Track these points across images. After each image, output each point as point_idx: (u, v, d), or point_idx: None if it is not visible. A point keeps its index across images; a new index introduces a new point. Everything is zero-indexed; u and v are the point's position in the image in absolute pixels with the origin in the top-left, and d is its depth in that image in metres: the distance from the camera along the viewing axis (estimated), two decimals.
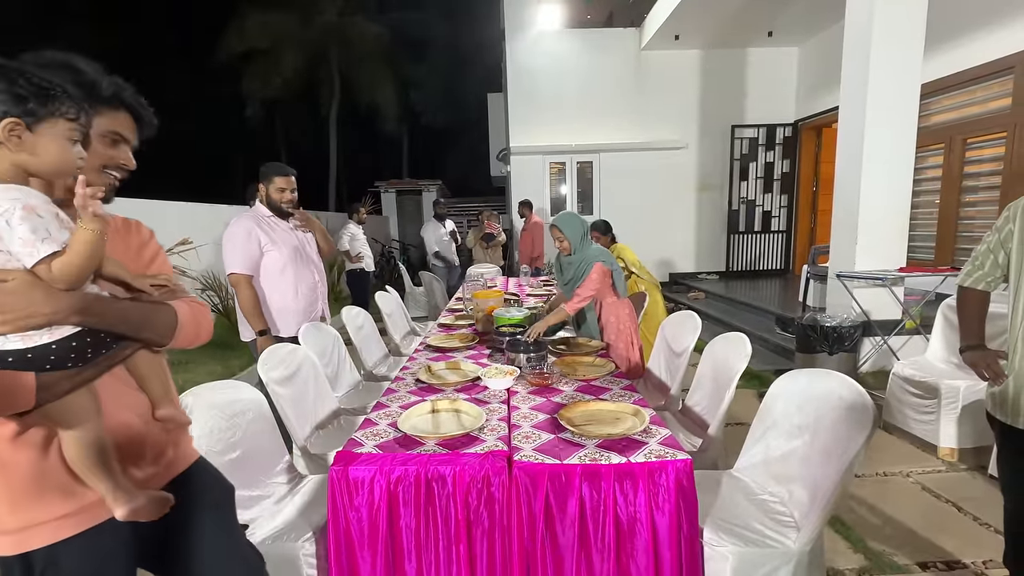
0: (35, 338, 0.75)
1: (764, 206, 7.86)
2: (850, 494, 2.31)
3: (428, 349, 2.56)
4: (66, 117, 0.79)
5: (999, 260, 1.49)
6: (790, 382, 1.69)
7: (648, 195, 7.86)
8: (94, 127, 0.89)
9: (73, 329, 0.77)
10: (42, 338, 0.75)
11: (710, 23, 6.70)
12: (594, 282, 2.52)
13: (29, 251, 0.72)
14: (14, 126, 0.75)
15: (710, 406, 2.10)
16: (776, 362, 4.22)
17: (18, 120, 0.75)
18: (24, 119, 0.75)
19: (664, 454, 1.37)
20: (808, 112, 7.30)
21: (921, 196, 5.09)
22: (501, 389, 1.90)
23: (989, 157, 4.54)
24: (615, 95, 7.74)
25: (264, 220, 2.42)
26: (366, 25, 15.91)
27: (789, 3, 6.09)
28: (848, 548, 1.98)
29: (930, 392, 2.69)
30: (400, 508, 1.35)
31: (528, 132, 7.88)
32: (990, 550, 1.93)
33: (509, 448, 1.44)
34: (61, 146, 0.79)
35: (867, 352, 3.80)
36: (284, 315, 2.44)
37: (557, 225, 2.60)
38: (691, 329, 2.42)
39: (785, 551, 1.38)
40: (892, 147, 3.72)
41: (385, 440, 1.50)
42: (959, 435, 2.60)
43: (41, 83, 0.77)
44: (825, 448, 1.49)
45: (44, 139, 0.78)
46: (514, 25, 7.76)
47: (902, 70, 3.64)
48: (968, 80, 4.59)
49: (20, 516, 0.83)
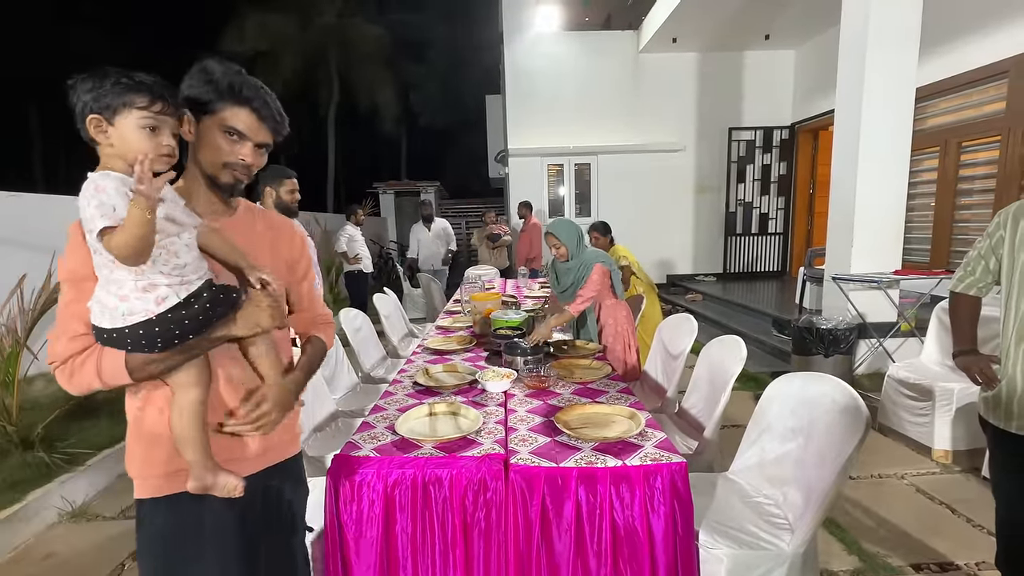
0: (115, 321, 0.85)
1: (761, 208, 7.88)
2: (844, 496, 2.32)
3: (426, 351, 2.57)
4: (136, 107, 0.85)
5: (990, 266, 1.50)
6: (785, 385, 1.70)
7: (646, 197, 7.88)
8: (217, 121, 0.96)
9: (143, 317, 0.86)
10: (117, 322, 0.85)
11: (707, 26, 6.73)
12: (595, 283, 2.53)
13: (89, 227, 0.81)
14: (98, 122, 0.84)
15: (706, 409, 2.11)
16: (772, 364, 4.23)
17: (98, 116, 0.84)
18: (103, 114, 0.84)
19: (660, 457, 1.38)
20: (805, 115, 7.33)
21: (916, 199, 5.11)
22: (498, 392, 1.91)
23: (984, 160, 4.57)
24: (613, 97, 7.76)
25: None
26: (365, 27, 15.92)
27: (786, 7, 6.13)
28: (842, 550, 1.99)
29: (925, 394, 2.71)
30: (397, 511, 1.36)
31: (526, 134, 7.89)
32: (983, 552, 1.95)
33: (506, 451, 1.45)
34: (137, 134, 0.86)
35: (863, 354, 3.82)
36: None
37: (552, 232, 2.59)
38: (687, 332, 2.44)
39: (779, 553, 1.39)
40: (888, 150, 3.74)
41: (383, 443, 1.51)
42: (953, 437, 2.62)
43: (116, 78, 0.84)
44: (819, 451, 1.50)
45: (121, 129, 0.86)
46: (512, 27, 7.78)
47: (897, 73, 3.67)
48: (963, 84, 4.62)
49: (144, 467, 0.97)
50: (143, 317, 0.85)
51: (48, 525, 2.33)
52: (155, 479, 0.97)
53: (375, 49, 16.03)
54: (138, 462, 0.98)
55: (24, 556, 2.14)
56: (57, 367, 0.90)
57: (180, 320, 0.88)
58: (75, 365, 0.89)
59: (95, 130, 0.85)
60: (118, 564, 2.06)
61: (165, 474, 0.97)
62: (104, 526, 2.34)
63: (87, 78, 0.85)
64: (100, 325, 0.86)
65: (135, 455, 0.98)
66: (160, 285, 0.86)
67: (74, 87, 0.84)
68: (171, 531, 0.98)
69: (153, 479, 0.97)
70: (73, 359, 0.89)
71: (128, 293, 0.85)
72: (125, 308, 0.85)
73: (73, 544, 2.21)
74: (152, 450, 0.96)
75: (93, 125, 0.84)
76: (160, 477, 0.97)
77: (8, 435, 2.57)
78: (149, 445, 0.97)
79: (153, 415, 0.96)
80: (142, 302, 0.85)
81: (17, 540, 2.20)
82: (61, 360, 0.89)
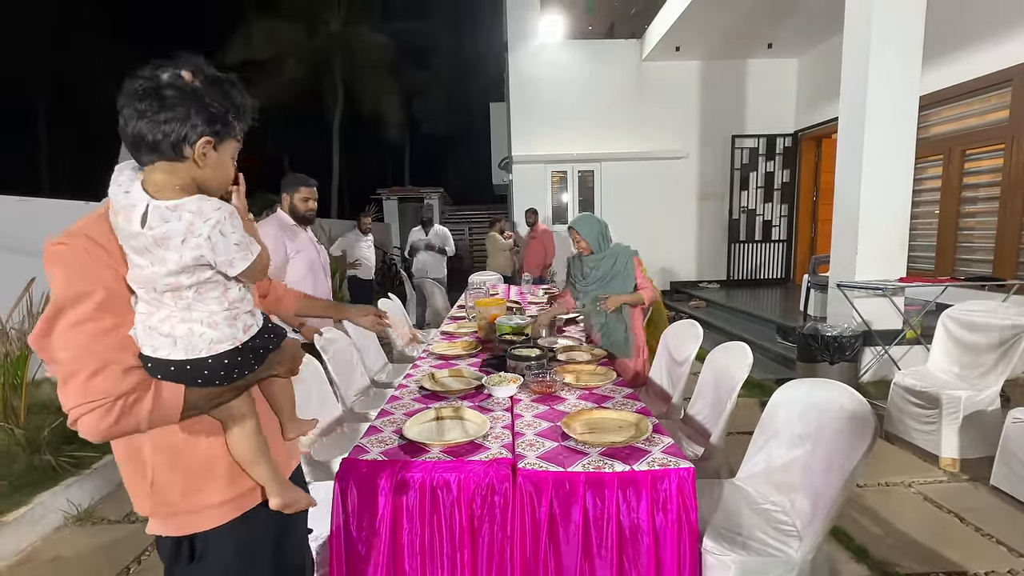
0: (197, 350, 0.81)
1: (764, 215, 7.89)
2: (852, 504, 2.31)
3: (431, 356, 2.57)
4: (236, 139, 0.86)
5: None
6: (791, 391, 1.70)
7: (649, 204, 7.90)
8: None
9: (230, 346, 0.84)
10: (201, 352, 0.82)
11: (711, 35, 6.78)
12: (642, 274, 2.66)
13: (230, 261, 0.81)
14: (208, 144, 0.81)
15: (712, 415, 2.10)
16: (777, 371, 4.22)
17: (211, 139, 0.81)
18: (213, 138, 0.81)
19: (667, 462, 1.38)
20: (808, 123, 7.36)
21: (921, 207, 5.12)
22: (505, 397, 1.91)
23: (988, 168, 4.57)
24: (616, 105, 7.80)
25: (288, 228, 2.50)
26: (370, 35, 16.05)
27: (789, 15, 6.17)
28: (850, 558, 1.98)
29: (931, 402, 2.70)
30: (404, 515, 1.36)
31: (530, 141, 7.94)
32: (992, 561, 1.93)
33: (513, 456, 1.45)
34: (229, 165, 0.86)
35: (868, 362, 3.80)
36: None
37: (574, 227, 2.68)
38: (692, 338, 2.44)
39: (787, 560, 1.39)
40: (891, 158, 3.75)
41: (390, 447, 1.51)
42: (961, 445, 2.60)
43: (226, 105, 0.83)
44: (826, 457, 1.50)
45: (222, 157, 0.84)
46: (516, 36, 7.85)
47: (901, 81, 3.69)
48: (967, 92, 4.64)
49: (191, 500, 0.90)
50: (230, 345, 0.83)
51: (54, 528, 2.34)
52: (214, 509, 0.91)
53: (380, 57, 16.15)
54: (191, 495, 0.90)
55: (30, 559, 2.15)
56: (94, 409, 0.75)
57: (255, 349, 0.87)
58: (127, 404, 0.77)
59: (201, 151, 0.80)
60: (123, 567, 2.06)
61: (227, 501, 0.92)
62: (110, 529, 2.34)
63: (205, 91, 0.79)
64: (169, 357, 0.80)
65: (170, 491, 0.88)
66: (242, 312, 0.86)
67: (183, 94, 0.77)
68: (239, 554, 0.95)
69: (213, 509, 0.91)
70: (125, 397, 0.77)
71: (219, 320, 0.82)
72: (213, 336, 0.81)
73: (79, 547, 2.21)
74: (203, 480, 0.90)
75: (201, 147, 0.80)
76: (219, 506, 0.92)
77: (15, 438, 2.58)
78: (200, 476, 0.90)
79: (204, 442, 0.90)
80: (232, 329, 0.84)
81: (23, 543, 2.20)
82: (113, 398, 0.76)
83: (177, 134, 0.78)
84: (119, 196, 0.80)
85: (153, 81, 0.77)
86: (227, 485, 0.93)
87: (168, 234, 0.77)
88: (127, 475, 0.90)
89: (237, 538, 0.94)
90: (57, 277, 0.77)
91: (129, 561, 2.09)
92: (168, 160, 0.79)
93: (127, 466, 0.89)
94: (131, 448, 0.88)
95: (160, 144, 0.78)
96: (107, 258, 0.79)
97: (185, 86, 0.78)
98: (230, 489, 0.93)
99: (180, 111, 0.77)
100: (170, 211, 0.77)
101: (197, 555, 0.91)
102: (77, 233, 0.79)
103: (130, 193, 0.79)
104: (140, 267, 0.79)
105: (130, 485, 0.91)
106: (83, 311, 0.76)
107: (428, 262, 6.35)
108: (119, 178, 0.82)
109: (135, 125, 0.77)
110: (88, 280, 0.77)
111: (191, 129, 0.78)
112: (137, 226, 0.77)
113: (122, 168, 0.84)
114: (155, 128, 0.77)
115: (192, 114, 0.78)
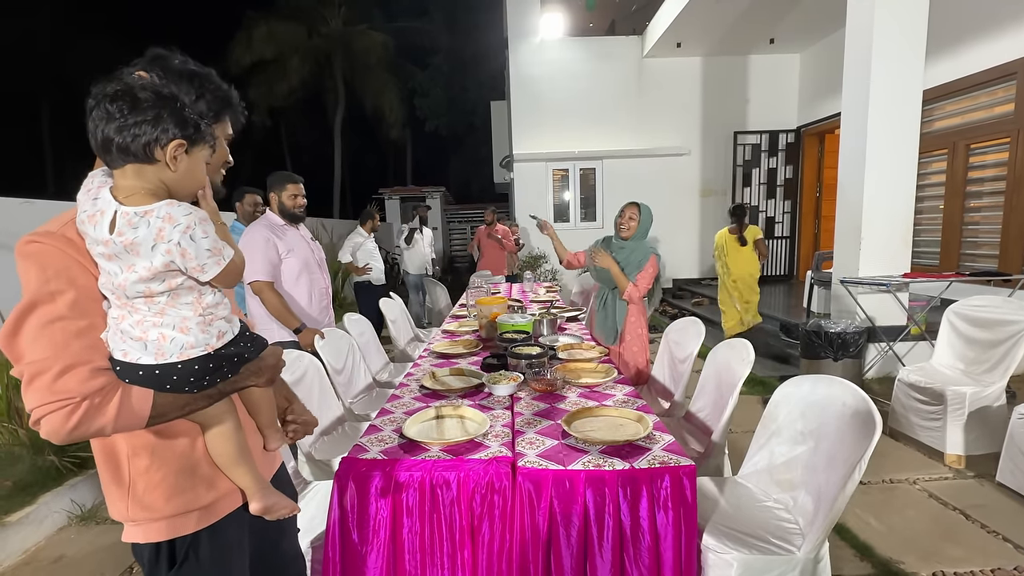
0: (167, 355, 0.80)
1: (767, 212, 7.85)
2: (856, 501, 2.30)
3: (432, 355, 2.57)
4: (208, 144, 0.85)
5: None
6: (794, 388, 1.69)
7: (651, 201, 7.66)
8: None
9: (201, 352, 0.82)
10: (171, 357, 0.80)
11: (712, 31, 6.74)
12: (650, 275, 2.65)
13: (201, 266, 0.80)
14: (179, 148, 0.79)
15: (713, 412, 2.09)
16: (780, 368, 4.20)
17: (183, 142, 0.79)
18: (186, 142, 0.80)
19: (668, 460, 1.37)
20: (810, 118, 7.31)
21: (925, 202, 5.08)
22: (505, 395, 1.91)
23: (992, 163, 4.53)
24: (618, 102, 7.78)
25: (278, 228, 2.47)
26: (371, 34, 16.07)
27: (790, 10, 6.13)
28: (854, 555, 1.97)
29: (936, 398, 2.68)
30: (404, 513, 1.36)
31: (531, 139, 7.92)
32: (998, 558, 1.92)
33: (513, 454, 1.44)
34: (201, 169, 0.85)
35: (872, 358, 3.78)
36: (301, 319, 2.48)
37: (637, 204, 2.72)
38: (694, 335, 2.43)
39: (790, 558, 1.38)
40: (895, 153, 3.72)
41: (390, 446, 1.51)
42: (966, 442, 2.58)
43: (199, 110, 0.83)
44: (829, 454, 1.48)
45: (192, 161, 0.83)
46: (517, 33, 7.83)
47: (904, 76, 3.65)
48: (971, 86, 4.60)
49: (175, 503, 0.89)
50: (201, 352, 0.82)
51: (58, 528, 2.35)
52: (198, 511, 0.91)
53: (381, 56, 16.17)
54: (174, 498, 0.88)
55: (34, 559, 2.16)
56: (58, 408, 0.73)
57: (230, 357, 0.85)
58: (92, 406, 0.75)
59: (172, 154, 0.79)
60: (127, 567, 2.07)
61: (210, 503, 0.92)
62: (113, 530, 2.35)
63: (169, 92, 0.78)
64: (139, 362, 0.79)
65: (157, 492, 0.87)
66: (217, 319, 0.84)
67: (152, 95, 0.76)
68: (220, 558, 0.94)
69: (197, 512, 0.91)
70: (92, 398, 0.75)
71: (192, 325, 0.81)
72: (185, 341, 0.80)
73: (82, 548, 2.22)
74: (191, 480, 0.90)
75: (174, 149, 0.79)
76: (203, 508, 0.92)
77: (19, 439, 2.59)
78: (189, 475, 0.90)
79: (187, 444, 0.90)
80: (205, 335, 0.82)
81: (28, 543, 2.22)
82: (79, 398, 0.74)
83: (148, 136, 0.76)
84: (87, 202, 0.79)
85: (124, 84, 0.77)
86: (208, 489, 0.92)
87: (137, 240, 0.75)
88: (104, 479, 0.89)
89: (219, 542, 0.93)
90: (31, 275, 0.75)
91: (132, 561, 2.10)
92: (138, 163, 0.78)
93: (104, 470, 0.88)
94: (108, 451, 0.87)
95: (130, 147, 0.76)
96: (82, 259, 0.79)
97: (157, 89, 0.78)
98: (211, 492, 0.93)
99: (151, 114, 0.76)
100: (139, 217, 0.76)
101: (178, 560, 0.90)
102: (53, 232, 0.79)
103: (98, 199, 0.78)
104: (111, 274, 0.78)
105: (107, 489, 0.89)
106: (56, 310, 0.75)
107: (423, 260, 6.50)
108: (90, 184, 0.81)
109: (104, 128, 0.76)
110: (62, 279, 0.76)
111: (162, 133, 0.77)
112: (105, 232, 0.76)
113: (94, 174, 0.83)
114: (125, 131, 0.75)
115: (164, 117, 0.77)
